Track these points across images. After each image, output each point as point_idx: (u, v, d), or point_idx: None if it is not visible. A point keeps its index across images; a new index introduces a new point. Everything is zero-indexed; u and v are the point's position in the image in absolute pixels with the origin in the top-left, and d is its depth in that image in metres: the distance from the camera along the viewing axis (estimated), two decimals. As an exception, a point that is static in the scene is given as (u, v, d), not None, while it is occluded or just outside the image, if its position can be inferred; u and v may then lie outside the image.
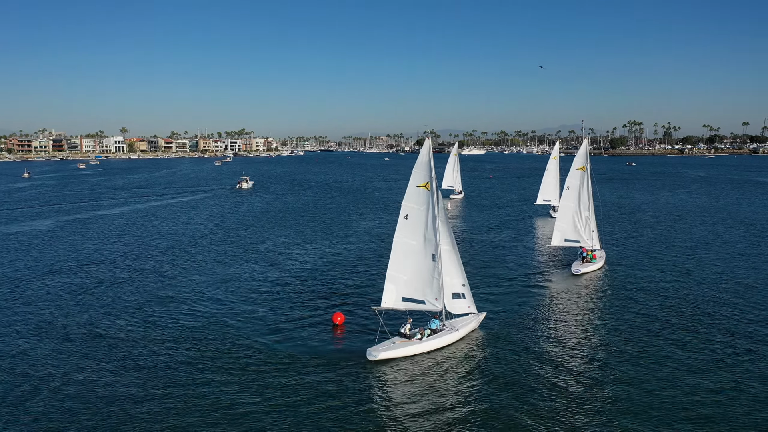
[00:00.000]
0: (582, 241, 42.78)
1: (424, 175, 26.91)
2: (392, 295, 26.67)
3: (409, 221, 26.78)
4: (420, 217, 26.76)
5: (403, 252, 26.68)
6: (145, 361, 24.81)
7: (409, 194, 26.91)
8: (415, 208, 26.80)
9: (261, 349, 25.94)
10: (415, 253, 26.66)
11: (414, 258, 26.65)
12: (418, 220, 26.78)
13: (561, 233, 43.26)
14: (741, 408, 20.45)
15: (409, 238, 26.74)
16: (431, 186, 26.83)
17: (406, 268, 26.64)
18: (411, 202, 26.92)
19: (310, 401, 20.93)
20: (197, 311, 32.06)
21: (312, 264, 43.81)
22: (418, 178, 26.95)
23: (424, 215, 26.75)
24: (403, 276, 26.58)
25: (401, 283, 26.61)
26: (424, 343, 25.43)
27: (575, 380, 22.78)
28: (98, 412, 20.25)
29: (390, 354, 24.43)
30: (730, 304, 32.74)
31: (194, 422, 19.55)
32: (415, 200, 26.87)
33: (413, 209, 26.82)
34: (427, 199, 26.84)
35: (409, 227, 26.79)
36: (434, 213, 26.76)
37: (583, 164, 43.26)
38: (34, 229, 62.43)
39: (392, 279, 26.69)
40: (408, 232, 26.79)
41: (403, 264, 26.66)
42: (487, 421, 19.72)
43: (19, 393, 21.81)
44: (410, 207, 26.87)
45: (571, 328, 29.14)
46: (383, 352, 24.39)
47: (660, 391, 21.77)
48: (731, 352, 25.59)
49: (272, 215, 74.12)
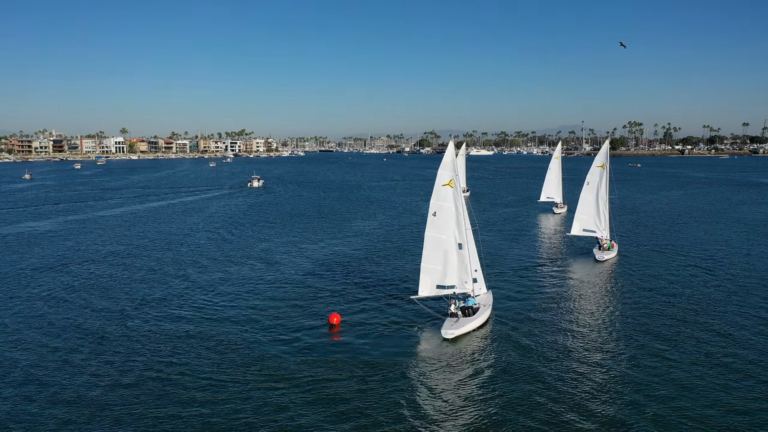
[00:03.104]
0: (598, 231, 46.94)
1: (448, 174, 29.21)
2: (427, 285, 29.37)
3: (438, 217, 29.20)
4: (447, 212, 29.19)
5: (433, 245, 29.22)
6: (171, 358, 24.84)
7: (437, 192, 29.19)
8: (443, 205, 29.18)
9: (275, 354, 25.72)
10: (444, 245, 29.19)
11: (444, 249, 29.18)
12: (446, 216, 29.20)
13: (580, 223, 47.68)
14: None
15: (439, 232, 29.23)
16: (455, 184, 29.25)
17: (437, 259, 29.19)
18: (438, 199, 29.25)
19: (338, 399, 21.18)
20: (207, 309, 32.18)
21: (311, 263, 43.96)
22: (444, 178, 29.23)
23: (451, 210, 29.18)
24: (437, 267, 29.19)
25: (435, 273, 29.24)
26: (478, 318, 28.27)
27: (613, 360, 24.52)
28: (81, 412, 20.20)
29: (460, 330, 27.18)
30: (733, 292, 34.40)
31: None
32: (443, 197, 29.19)
33: (441, 206, 29.22)
34: (452, 195, 29.24)
35: (438, 222, 29.23)
36: (459, 207, 29.18)
37: (603, 162, 47.67)
38: (44, 229, 62.62)
39: (426, 270, 29.32)
40: (437, 227, 29.27)
41: (434, 256, 29.21)
42: (512, 401, 20.93)
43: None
44: (438, 204, 29.25)
45: (604, 308, 32.18)
46: (455, 329, 27.01)
47: (693, 378, 22.56)
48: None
49: (274, 214, 75.11)
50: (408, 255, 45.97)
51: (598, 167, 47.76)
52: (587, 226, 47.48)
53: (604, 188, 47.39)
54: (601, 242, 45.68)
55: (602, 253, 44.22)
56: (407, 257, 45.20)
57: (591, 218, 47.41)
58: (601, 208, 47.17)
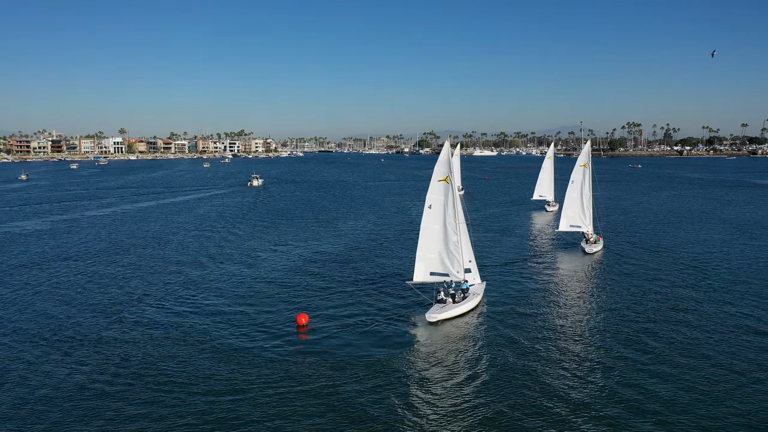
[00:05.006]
0: (583, 226, 49.64)
1: (444, 170, 31.52)
2: (421, 271, 31.62)
3: (433, 209, 31.50)
4: (441, 205, 31.47)
5: (428, 235, 31.50)
6: (138, 357, 24.79)
7: (432, 187, 31.49)
8: (438, 199, 31.48)
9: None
10: (438, 235, 31.44)
11: (438, 239, 31.46)
12: (440, 208, 31.46)
13: (567, 219, 50.27)
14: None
15: (433, 223, 31.47)
16: (450, 180, 31.51)
17: (431, 248, 31.46)
18: (434, 193, 31.55)
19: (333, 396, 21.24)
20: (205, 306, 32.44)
21: (291, 262, 44.06)
22: (439, 174, 31.50)
23: (444, 204, 31.45)
24: (430, 255, 31.47)
25: (428, 260, 31.49)
26: (464, 304, 30.30)
27: (595, 347, 26.22)
28: (62, 410, 20.13)
29: (444, 315, 29.14)
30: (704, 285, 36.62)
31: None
32: (438, 192, 31.46)
33: (436, 199, 31.51)
34: (447, 190, 31.52)
35: (433, 214, 31.49)
36: (453, 201, 31.44)
37: (585, 162, 50.41)
38: (31, 228, 62.66)
39: (421, 258, 31.56)
40: (432, 218, 31.52)
41: (429, 245, 31.47)
42: (502, 386, 21.81)
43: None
44: (433, 198, 31.54)
45: (592, 297, 34.24)
46: (439, 314, 28.96)
47: (682, 369, 23.33)
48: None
49: (262, 214, 75.74)
50: (389, 254, 46.26)
51: (581, 166, 50.56)
52: (573, 221, 50.23)
53: (587, 186, 50.24)
54: (587, 236, 48.12)
55: (590, 246, 46.72)
56: (388, 257, 45.43)
57: (577, 214, 50.11)
58: (585, 205, 50.00)
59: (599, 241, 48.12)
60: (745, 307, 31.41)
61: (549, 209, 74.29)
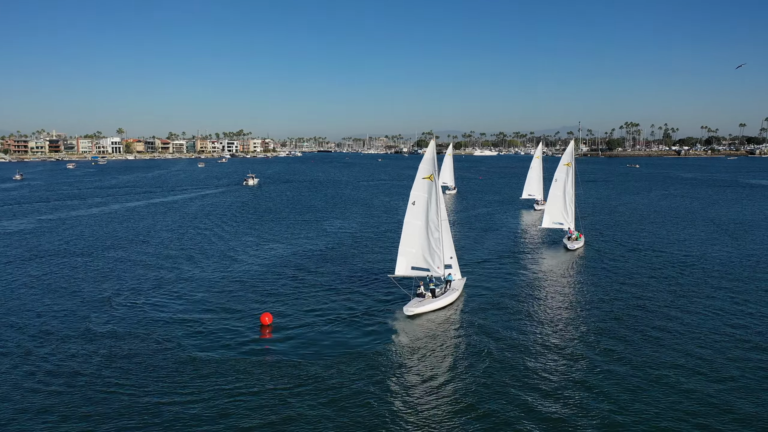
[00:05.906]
0: (566, 223, 51.04)
1: (429, 168, 32.48)
2: (403, 265, 32.58)
3: (416, 206, 32.46)
4: (425, 202, 32.45)
5: (411, 230, 32.46)
6: (98, 358, 24.60)
7: (417, 184, 32.44)
8: (421, 196, 32.42)
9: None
10: (420, 231, 32.41)
11: (420, 235, 32.42)
12: (423, 205, 32.45)
13: (550, 216, 51.75)
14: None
15: (416, 219, 32.44)
16: (434, 177, 32.38)
17: (413, 243, 32.42)
18: (418, 190, 32.48)
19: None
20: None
21: (268, 261, 44.06)
22: (424, 171, 32.44)
23: (428, 201, 32.42)
24: (412, 249, 32.41)
25: (410, 255, 32.45)
26: (442, 299, 31.28)
27: (576, 338, 27.52)
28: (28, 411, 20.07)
29: (421, 309, 30.09)
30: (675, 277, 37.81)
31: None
32: (421, 189, 32.41)
33: (419, 196, 32.45)
34: (430, 188, 32.44)
35: (416, 211, 32.45)
36: (436, 199, 32.41)
37: (569, 161, 51.82)
38: (16, 228, 62.49)
39: (403, 253, 32.55)
40: (415, 214, 32.49)
41: (411, 240, 32.43)
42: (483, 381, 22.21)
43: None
44: (417, 195, 32.49)
45: (571, 292, 35.36)
46: (416, 308, 29.95)
47: (657, 362, 23.89)
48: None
49: (250, 212, 76.19)
50: (371, 251, 46.46)
51: (565, 165, 51.86)
52: (556, 219, 51.70)
53: (570, 184, 51.64)
54: (569, 233, 49.34)
55: (572, 242, 47.97)
56: (370, 253, 45.69)
57: (559, 211, 51.51)
58: (568, 202, 51.50)
59: (581, 238, 49.27)
60: (718, 301, 32.50)
61: (537, 208, 75.38)
